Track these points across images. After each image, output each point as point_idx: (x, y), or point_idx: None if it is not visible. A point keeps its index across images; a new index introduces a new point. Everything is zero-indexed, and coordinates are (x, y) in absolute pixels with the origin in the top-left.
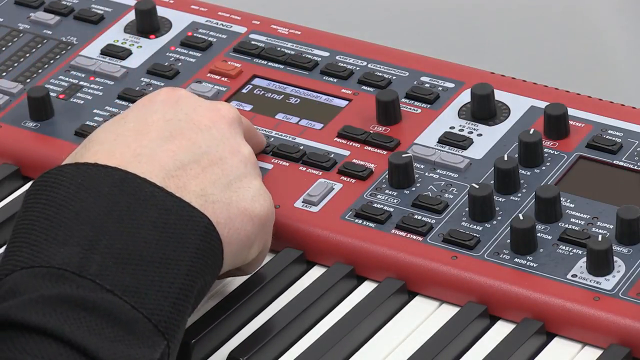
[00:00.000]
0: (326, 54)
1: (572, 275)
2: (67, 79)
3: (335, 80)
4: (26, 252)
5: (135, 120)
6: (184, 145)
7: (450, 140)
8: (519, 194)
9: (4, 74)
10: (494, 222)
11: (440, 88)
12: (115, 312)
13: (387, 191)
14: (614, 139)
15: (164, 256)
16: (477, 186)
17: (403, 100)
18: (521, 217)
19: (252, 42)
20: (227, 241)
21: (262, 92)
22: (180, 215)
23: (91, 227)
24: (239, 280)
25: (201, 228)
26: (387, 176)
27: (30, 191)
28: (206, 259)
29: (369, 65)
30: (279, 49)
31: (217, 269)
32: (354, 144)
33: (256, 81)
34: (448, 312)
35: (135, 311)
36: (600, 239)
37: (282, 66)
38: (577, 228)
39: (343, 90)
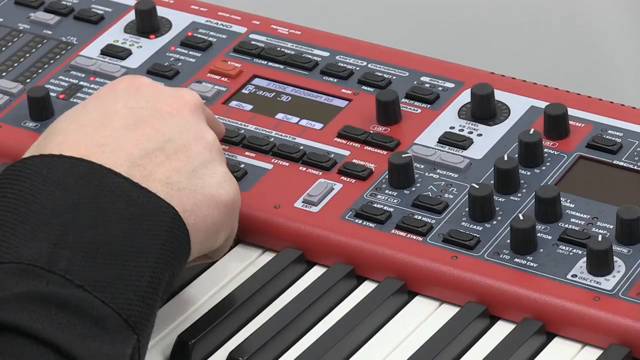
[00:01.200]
0: (326, 54)
1: (572, 275)
2: (67, 79)
3: (335, 80)
4: None
5: (97, 110)
6: (147, 133)
7: (450, 140)
8: (519, 194)
9: (4, 74)
10: (494, 222)
11: (440, 88)
12: (85, 307)
13: (387, 191)
14: (614, 139)
15: (132, 249)
16: (477, 186)
17: (403, 100)
18: (521, 217)
19: (252, 42)
20: (194, 229)
21: (262, 92)
22: (147, 206)
23: (59, 221)
24: (239, 281)
25: (168, 219)
26: (387, 176)
27: None
28: (174, 250)
29: (369, 65)
30: (279, 49)
31: (185, 258)
32: (354, 144)
33: (256, 81)
34: (448, 312)
35: (105, 306)
36: (600, 239)
37: (282, 66)
38: (577, 228)
39: (343, 90)
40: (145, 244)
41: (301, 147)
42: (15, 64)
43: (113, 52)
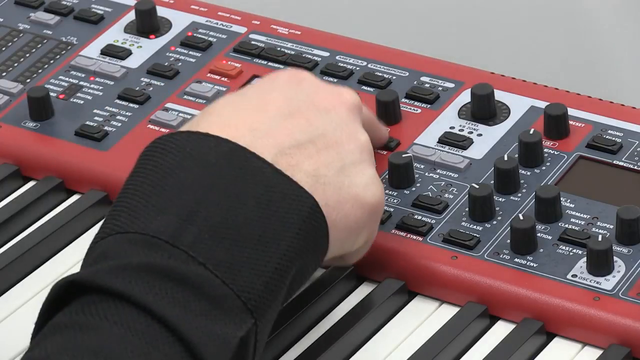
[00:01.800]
0: (326, 54)
1: (572, 275)
2: (67, 79)
3: (335, 80)
4: (124, 217)
5: (255, 97)
6: (301, 124)
7: (450, 140)
8: (519, 194)
9: (4, 74)
10: (494, 222)
11: (440, 88)
12: (204, 286)
13: (387, 191)
14: (614, 139)
15: (262, 234)
16: (477, 186)
17: (403, 100)
18: (521, 217)
19: (252, 42)
20: (334, 225)
21: None
22: (285, 193)
23: (192, 198)
24: None
25: (306, 209)
26: (387, 176)
27: (141, 156)
28: (308, 241)
29: (369, 65)
30: (279, 49)
31: (321, 252)
32: None
33: (256, 81)
34: (448, 312)
35: (225, 287)
36: (600, 239)
37: (282, 66)
38: (577, 228)
39: None
40: (278, 230)
41: None
42: (15, 64)
43: (113, 52)
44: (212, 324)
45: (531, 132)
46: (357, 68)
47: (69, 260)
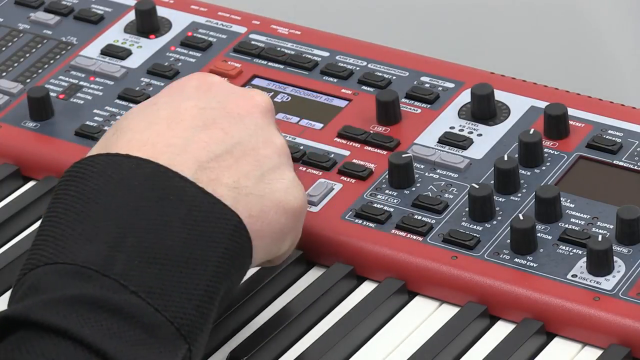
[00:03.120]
0: (326, 54)
1: (572, 275)
2: (67, 79)
3: (335, 80)
4: (51, 247)
5: (167, 107)
6: (217, 135)
7: (450, 140)
8: (519, 194)
9: (4, 74)
10: (494, 222)
11: (440, 88)
12: (137, 314)
13: (387, 191)
14: (614, 139)
15: (190, 256)
16: (477, 186)
17: (403, 100)
18: (521, 217)
19: (252, 42)
20: (259, 235)
21: None
22: (210, 212)
23: (118, 224)
24: None
25: (230, 227)
26: (387, 176)
27: (61, 181)
28: (234, 259)
29: (369, 65)
30: (279, 49)
31: (245, 268)
32: (354, 144)
33: (256, 81)
34: (448, 312)
35: (158, 314)
36: (600, 239)
37: (282, 66)
38: (577, 228)
39: (343, 90)
40: (205, 252)
41: (301, 147)
42: (15, 64)
43: (113, 52)
44: (149, 353)
45: (531, 132)
46: (357, 68)
47: None
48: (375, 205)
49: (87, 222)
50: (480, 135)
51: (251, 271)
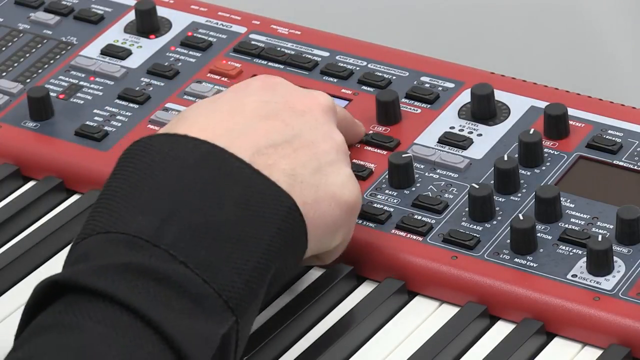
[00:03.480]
0: (326, 54)
1: (572, 275)
2: (67, 79)
3: (335, 80)
4: (105, 218)
5: (230, 101)
6: (277, 125)
7: (450, 140)
8: (519, 194)
9: (4, 74)
10: (494, 222)
11: (440, 88)
12: (185, 284)
13: (387, 191)
14: (614, 139)
15: (242, 233)
16: (477, 186)
17: (403, 100)
18: (521, 217)
19: (252, 42)
20: (312, 224)
21: None
22: (264, 193)
23: (172, 198)
24: None
25: (284, 208)
26: (387, 176)
27: (120, 158)
28: (287, 240)
29: (369, 65)
30: (279, 49)
31: (300, 251)
32: (354, 144)
33: None
34: (448, 312)
35: (206, 285)
36: (600, 239)
37: (282, 66)
38: (577, 228)
39: (343, 90)
40: (257, 229)
41: None
42: (15, 64)
43: (113, 52)
44: (195, 322)
45: (531, 132)
46: (357, 68)
47: None
48: (375, 205)
49: (141, 195)
50: (480, 135)
51: None
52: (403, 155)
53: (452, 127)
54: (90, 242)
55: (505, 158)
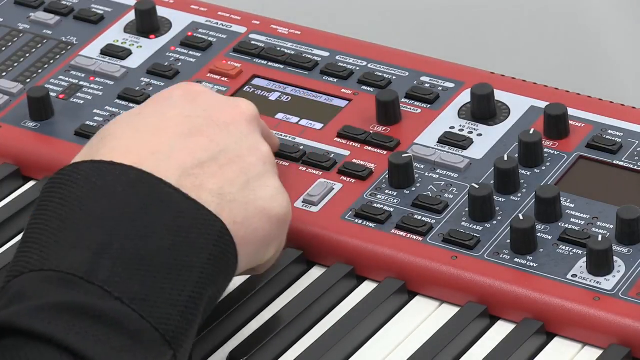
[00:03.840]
0: (326, 54)
1: (572, 275)
2: (67, 79)
3: (335, 80)
4: (36, 254)
5: (152, 116)
6: (202, 142)
7: (450, 140)
8: (519, 194)
9: (4, 74)
10: (494, 222)
11: (440, 88)
12: (122, 321)
13: (387, 191)
14: (614, 139)
15: (175, 262)
16: (477, 186)
17: (403, 100)
18: (521, 217)
19: (252, 42)
20: (243, 242)
21: (262, 92)
22: (195, 218)
23: (102, 230)
24: (239, 280)
25: (215, 232)
26: (387, 176)
27: (45, 188)
28: (219, 265)
29: (369, 65)
30: (279, 49)
31: (231, 274)
32: (354, 144)
33: (256, 81)
34: (448, 312)
35: (143, 320)
36: (600, 239)
37: (282, 66)
38: (577, 228)
39: (343, 90)
40: (190, 257)
41: (301, 147)
42: (15, 64)
43: (113, 52)
44: (135, 359)
45: (531, 132)
46: (357, 68)
47: None
48: (375, 205)
49: (71, 228)
50: (480, 135)
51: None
52: (403, 155)
53: (452, 127)
54: (23, 280)
55: (505, 158)
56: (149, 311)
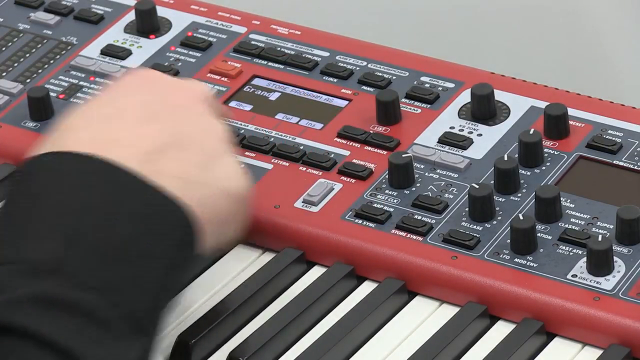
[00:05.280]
0: (326, 54)
1: (572, 275)
2: (67, 79)
3: (335, 80)
4: (5, 248)
5: (108, 104)
6: (160, 128)
7: (450, 140)
8: (519, 194)
9: (4, 74)
10: (494, 222)
11: (440, 88)
12: (93, 310)
13: (387, 191)
14: (614, 139)
15: (142, 249)
16: (477, 186)
17: (403, 100)
18: (521, 217)
19: (252, 42)
20: (208, 222)
21: (262, 92)
22: (157, 204)
23: (69, 220)
24: (239, 281)
25: (179, 217)
26: (387, 176)
27: (11, 182)
28: (185, 249)
29: (369, 65)
30: (279, 49)
31: (197, 256)
32: (354, 144)
33: (256, 81)
34: (448, 312)
35: (115, 309)
36: (600, 239)
37: (282, 66)
38: (577, 228)
39: (343, 90)
40: (157, 244)
41: (301, 147)
42: (15, 64)
43: (113, 52)
44: (107, 347)
45: (531, 132)
46: (357, 68)
47: None
48: (375, 205)
49: (38, 220)
50: (480, 135)
51: (251, 271)
52: (403, 155)
53: (452, 127)
54: None
55: (505, 158)
56: (119, 300)
